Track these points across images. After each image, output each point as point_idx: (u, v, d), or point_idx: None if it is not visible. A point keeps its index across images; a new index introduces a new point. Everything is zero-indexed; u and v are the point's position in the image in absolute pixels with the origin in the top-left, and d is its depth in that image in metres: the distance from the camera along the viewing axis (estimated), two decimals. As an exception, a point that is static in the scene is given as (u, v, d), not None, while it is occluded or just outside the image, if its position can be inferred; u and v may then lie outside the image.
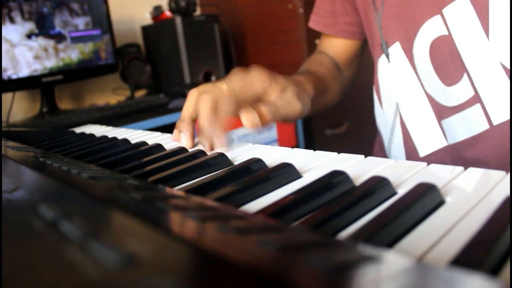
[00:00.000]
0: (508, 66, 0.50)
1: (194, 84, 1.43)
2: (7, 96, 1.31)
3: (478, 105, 0.53)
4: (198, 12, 1.64)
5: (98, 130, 0.72)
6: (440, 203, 0.25)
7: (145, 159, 0.42)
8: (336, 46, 0.75)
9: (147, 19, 1.56)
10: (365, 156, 0.36)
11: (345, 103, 0.85)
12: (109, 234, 0.18)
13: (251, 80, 0.47)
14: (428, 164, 0.32)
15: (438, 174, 0.30)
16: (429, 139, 0.60)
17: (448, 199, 0.26)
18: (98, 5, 1.34)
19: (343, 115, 1.60)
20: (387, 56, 0.61)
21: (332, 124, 1.60)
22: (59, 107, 1.35)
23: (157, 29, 1.51)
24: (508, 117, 0.51)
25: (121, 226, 0.19)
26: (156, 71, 1.54)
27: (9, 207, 0.24)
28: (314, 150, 0.39)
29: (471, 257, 0.18)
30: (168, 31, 1.44)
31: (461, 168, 0.30)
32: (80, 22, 1.31)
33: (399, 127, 0.64)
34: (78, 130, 0.73)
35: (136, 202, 0.23)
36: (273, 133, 1.51)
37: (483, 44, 0.51)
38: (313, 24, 0.76)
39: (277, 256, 0.15)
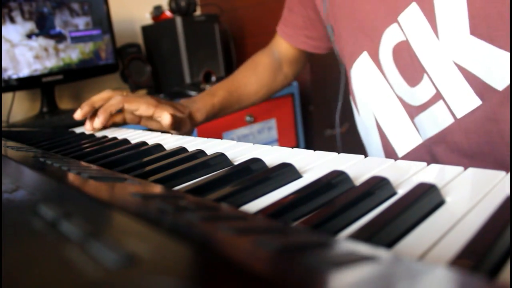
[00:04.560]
0: (460, 63, 0.53)
1: (195, 84, 1.43)
2: (7, 96, 1.31)
3: (441, 102, 0.57)
4: (198, 12, 1.64)
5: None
6: (440, 203, 0.25)
7: (145, 159, 0.42)
8: (287, 50, 0.86)
9: (147, 19, 1.56)
10: (365, 156, 0.36)
11: (346, 103, 0.86)
12: (109, 234, 0.18)
13: (142, 101, 0.66)
14: None
15: (438, 174, 0.30)
16: (405, 138, 0.63)
17: (448, 199, 0.26)
18: (99, 5, 1.34)
19: (343, 115, 1.60)
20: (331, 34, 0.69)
21: (332, 124, 1.60)
22: (59, 107, 1.35)
23: (157, 29, 1.51)
24: (470, 109, 0.54)
25: (121, 226, 0.19)
26: (156, 71, 1.54)
27: (9, 207, 0.24)
28: (314, 150, 0.39)
29: (471, 257, 0.18)
30: (168, 31, 1.44)
31: (461, 168, 0.30)
32: (81, 22, 1.31)
33: (376, 131, 0.67)
34: (78, 130, 0.73)
35: (136, 202, 0.23)
36: (274, 133, 1.51)
37: (435, 44, 0.54)
38: (280, 31, 0.86)
39: (276, 256, 0.15)
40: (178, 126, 0.69)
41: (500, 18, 0.48)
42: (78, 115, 0.66)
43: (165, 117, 0.65)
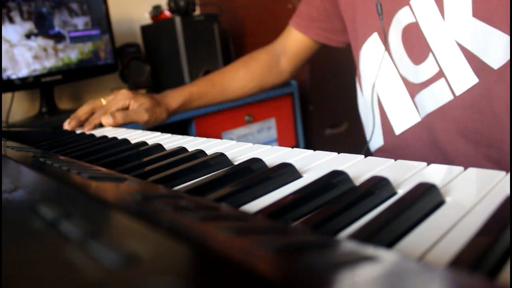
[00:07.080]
0: (461, 43, 0.58)
1: (194, 84, 1.43)
2: (6, 96, 1.31)
3: (442, 79, 0.62)
4: (197, 12, 1.64)
5: (98, 130, 0.72)
6: (440, 203, 0.25)
7: (145, 159, 0.42)
8: (295, 42, 0.88)
9: (147, 19, 1.56)
10: (365, 156, 0.36)
11: (345, 103, 0.87)
12: (109, 234, 0.18)
13: (118, 97, 0.77)
14: (405, 141, 0.33)
15: (438, 174, 0.30)
16: (404, 116, 0.68)
17: (448, 199, 0.26)
18: (98, 5, 1.34)
19: (343, 115, 1.60)
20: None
21: (332, 124, 1.60)
22: (59, 107, 1.35)
23: (157, 29, 1.51)
24: (468, 87, 0.59)
25: (121, 226, 0.19)
26: (156, 71, 1.54)
27: (9, 207, 0.23)
28: (314, 150, 0.39)
29: (471, 257, 0.18)
30: (167, 31, 1.44)
31: (461, 168, 0.30)
32: (79, 22, 1.31)
33: (377, 108, 0.72)
34: (78, 130, 0.73)
35: (136, 202, 0.23)
36: (273, 133, 1.51)
37: (440, 25, 0.60)
38: (293, 23, 0.88)
39: (276, 256, 0.15)
40: (152, 114, 0.78)
41: (500, 2, 0.55)
42: (67, 128, 0.75)
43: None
